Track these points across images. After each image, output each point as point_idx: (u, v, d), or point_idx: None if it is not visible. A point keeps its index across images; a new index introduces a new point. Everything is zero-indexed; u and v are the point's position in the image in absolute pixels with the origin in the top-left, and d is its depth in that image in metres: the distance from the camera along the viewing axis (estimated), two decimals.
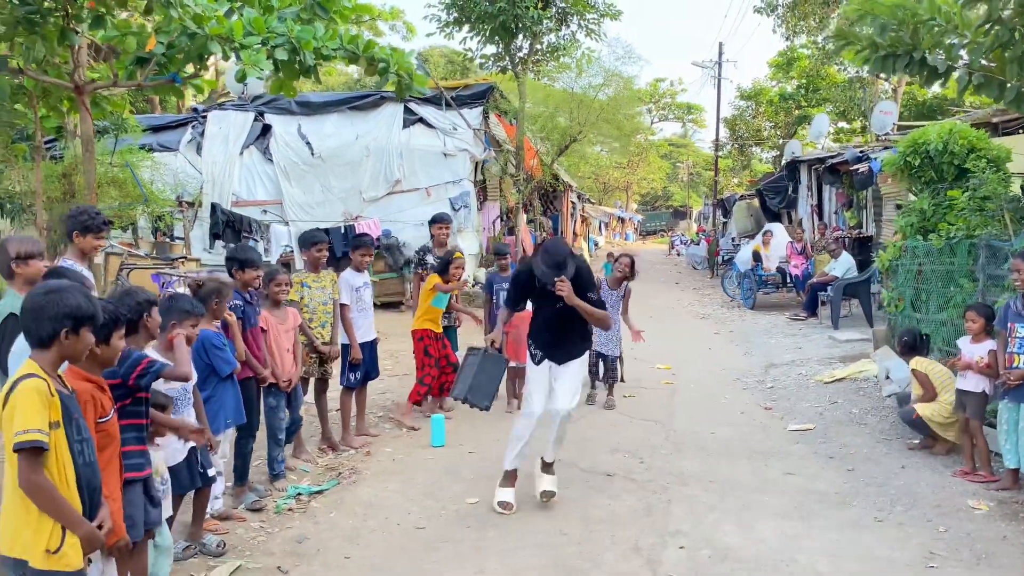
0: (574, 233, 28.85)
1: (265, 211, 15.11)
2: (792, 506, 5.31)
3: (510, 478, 5.26)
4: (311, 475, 5.85)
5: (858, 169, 18.17)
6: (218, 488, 4.90)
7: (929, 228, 8.54)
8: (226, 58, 10.05)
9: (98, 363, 3.05)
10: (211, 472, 4.53)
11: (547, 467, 5.33)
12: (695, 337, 13.06)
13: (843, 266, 13.16)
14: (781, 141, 39.62)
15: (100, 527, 2.77)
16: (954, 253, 7.50)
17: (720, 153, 35.40)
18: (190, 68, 11.08)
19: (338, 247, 13.79)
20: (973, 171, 7.93)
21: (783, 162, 29.76)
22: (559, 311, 5.07)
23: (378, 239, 14.12)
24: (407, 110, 15.75)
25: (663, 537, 4.72)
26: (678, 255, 39.33)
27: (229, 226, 12.26)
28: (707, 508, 5.23)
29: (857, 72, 29.82)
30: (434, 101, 15.64)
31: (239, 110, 16.06)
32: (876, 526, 4.97)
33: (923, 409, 6.35)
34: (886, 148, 18.32)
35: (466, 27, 16.02)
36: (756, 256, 17.00)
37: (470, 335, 8.66)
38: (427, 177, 15.48)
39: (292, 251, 14.05)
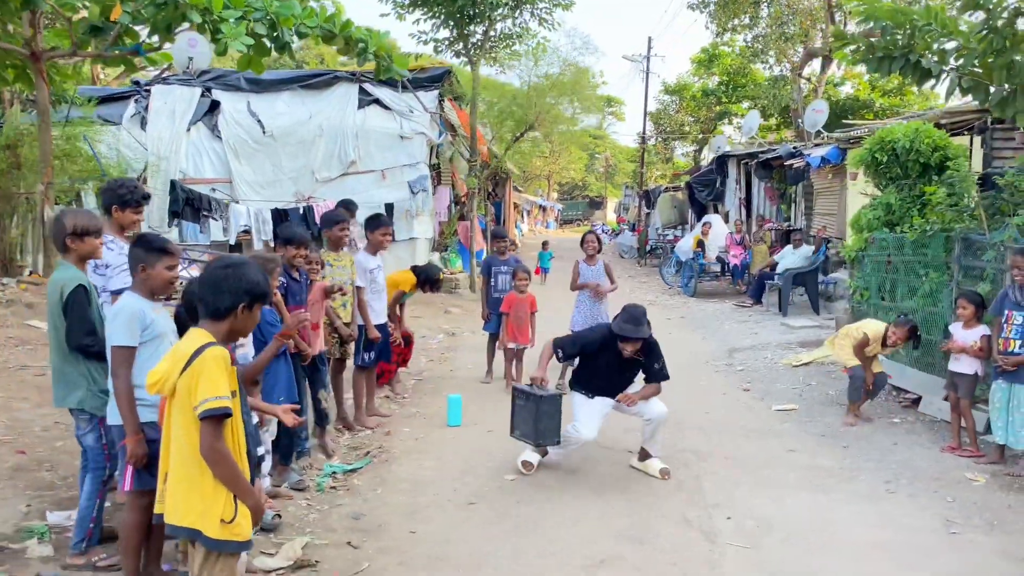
0: (515, 222, 29.04)
1: (214, 189, 14.67)
2: (807, 480, 5.64)
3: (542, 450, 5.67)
4: (338, 455, 5.84)
5: (792, 164, 19.02)
6: (266, 466, 4.85)
7: (894, 221, 9.08)
8: (202, 31, 9.78)
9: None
10: (259, 451, 4.49)
11: (647, 454, 5.75)
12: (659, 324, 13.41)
13: (801, 256, 13.74)
14: (701, 136, 40.79)
15: None
16: (926, 245, 8.01)
17: (644, 146, 36.16)
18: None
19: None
20: (948, 168, 8.48)
21: (711, 156, 30.71)
22: (619, 366, 5.57)
23: None
24: (362, 91, 15.57)
25: (706, 510, 4.96)
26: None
27: (188, 204, 11.86)
28: (733, 483, 5.49)
29: (780, 71, 31.02)
30: (390, 83, 15.47)
31: (185, 85, 15.51)
32: (890, 497, 5.32)
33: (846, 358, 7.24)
34: (817, 145, 19.24)
35: (419, 10, 15.88)
36: (700, 245, 17.56)
37: (469, 318, 8.69)
38: (382, 159, 15.34)
39: (250, 231, 13.74)
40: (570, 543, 4.40)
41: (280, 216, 13.46)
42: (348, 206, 8.06)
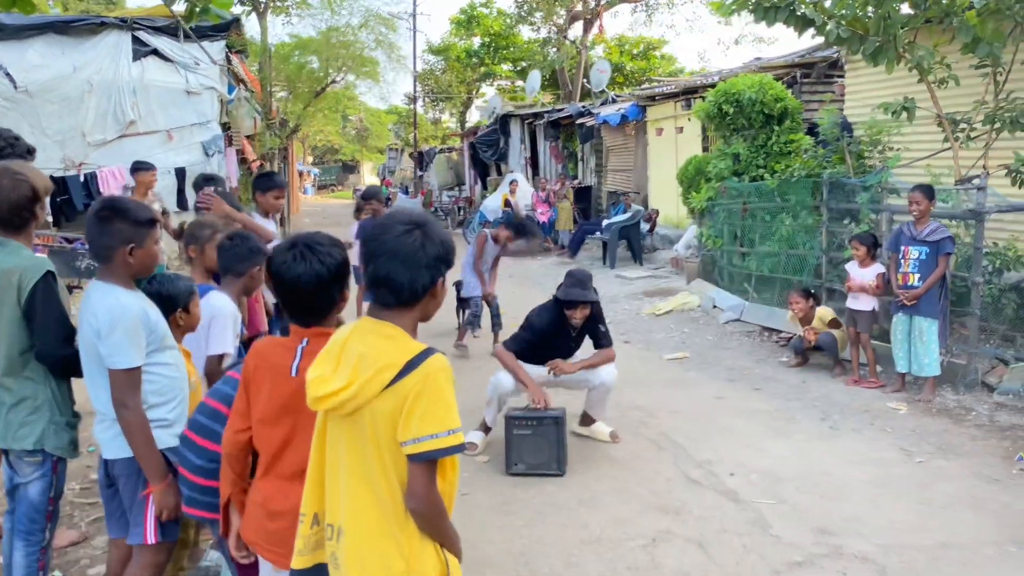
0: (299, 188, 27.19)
1: None
2: (760, 425, 5.65)
3: (484, 425, 5.21)
4: None
5: (584, 123, 19.49)
6: None
7: (740, 171, 9.46)
8: None
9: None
10: None
11: (591, 419, 5.38)
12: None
13: (630, 213, 14.03)
14: (467, 96, 40.91)
15: None
16: (786, 192, 8.40)
17: (415, 107, 35.58)
18: None
19: (78, 199, 11.58)
20: (787, 118, 8.91)
21: (481, 117, 30.85)
22: (568, 340, 5.15)
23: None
24: (136, 40, 13.51)
25: (703, 467, 4.76)
26: None
27: None
28: (701, 436, 5.35)
29: (548, 35, 31.74)
30: (169, 31, 13.63)
31: None
32: (841, 435, 5.46)
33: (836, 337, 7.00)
34: (603, 103, 19.88)
35: None
36: (507, 204, 17.49)
37: None
38: (167, 118, 13.50)
39: None
40: (604, 525, 3.99)
41: (56, 185, 11.38)
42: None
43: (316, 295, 2.11)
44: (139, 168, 7.82)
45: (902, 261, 6.25)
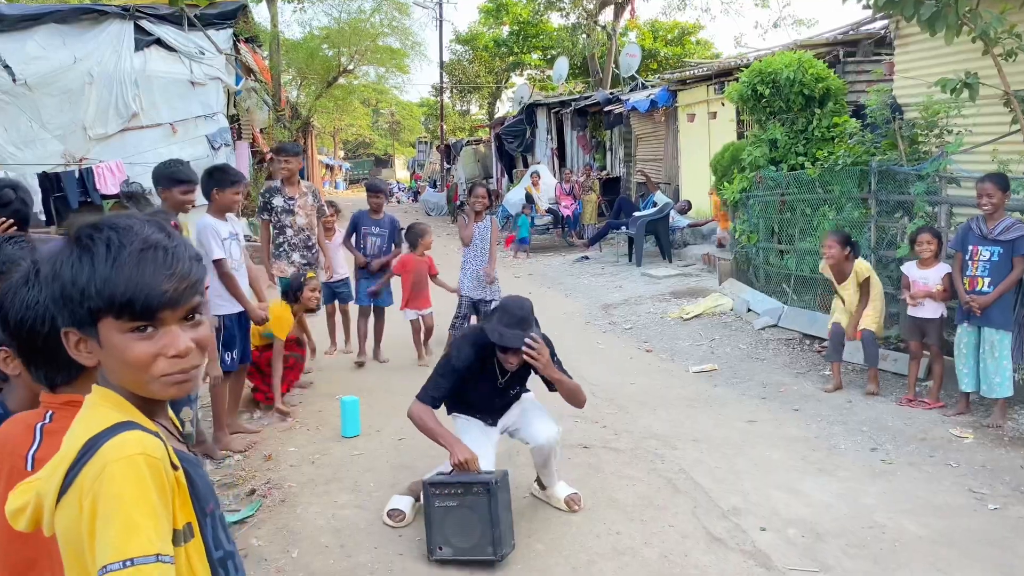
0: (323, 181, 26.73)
1: None
2: (795, 458, 4.80)
3: (414, 489, 4.02)
4: None
5: (612, 110, 18.57)
6: None
7: (778, 158, 8.55)
8: None
9: None
10: None
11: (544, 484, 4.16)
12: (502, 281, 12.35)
13: (659, 203, 13.14)
14: (496, 87, 40.06)
15: None
16: (830, 181, 7.48)
17: (442, 98, 34.84)
18: None
19: (73, 197, 11.04)
20: (830, 100, 7.98)
21: (512, 107, 30.00)
22: (504, 387, 3.94)
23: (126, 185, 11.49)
24: (139, 29, 12.95)
25: (728, 518, 3.93)
26: (398, 202, 38.57)
27: None
28: (727, 472, 4.53)
29: (576, 19, 30.77)
30: (172, 20, 13.05)
31: None
32: (894, 469, 4.60)
33: (871, 323, 6.03)
34: (633, 90, 18.94)
35: None
36: (529, 198, 16.68)
37: None
38: (171, 110, 12.93)
39: None
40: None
41: (50, 182, 10.87)
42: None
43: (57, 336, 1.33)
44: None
45: (969, 263, 5.34)
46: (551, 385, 3.88)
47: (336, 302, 7.36)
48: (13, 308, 1.44)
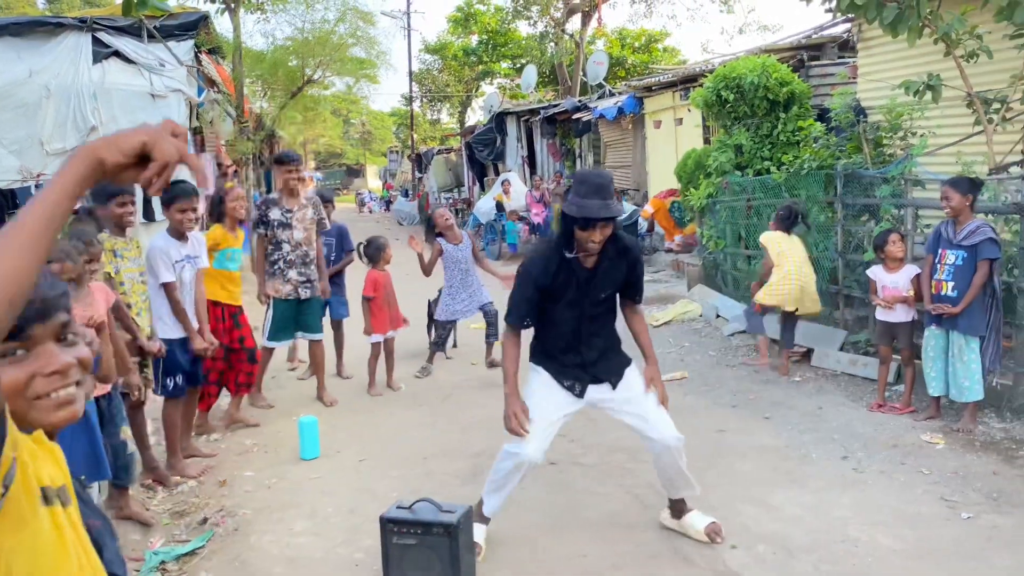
0: None
1: None
2: (766, 469, 4.72)
3: (484, 519, 3.72)
4: (156, 528, 4.03)
5: (580, 118, 18.54)
6: None
7: (744, 164, 8.51)
8: None
9: None
10: None
11: (680, 504, 3.87)
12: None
13: (626, 213, 13.10)
14: (466, 96, 39.97)
15: None
16: (796, 186, 7.44)
17: (412, 108, 34.67)
18: None
19: None
20: (795, 105, 7.95)
21: (482, 116, 29.91)
22: (596, 304, 3.60)
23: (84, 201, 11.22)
24: (96, 41, 12.68)
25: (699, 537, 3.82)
26: (370, 212, 38.34)
27: None
28: (699, 484, 4.40)
29: (545, 29, 30.79)
30: (132, 31, 12.80)
31: None
32: (865, 478, 4.52)
33: (766, 298, 6.48)
34: (600, 97, 18.93)
35: None
36: (499, 206, 16.58)
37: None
38: (131, 124, 12.30)
39: None
40: None
41: (5, 198, 10.58)
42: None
43: None
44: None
45: (937, 266, 5.28)
46: (628, 290, 3.72)
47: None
48: None
